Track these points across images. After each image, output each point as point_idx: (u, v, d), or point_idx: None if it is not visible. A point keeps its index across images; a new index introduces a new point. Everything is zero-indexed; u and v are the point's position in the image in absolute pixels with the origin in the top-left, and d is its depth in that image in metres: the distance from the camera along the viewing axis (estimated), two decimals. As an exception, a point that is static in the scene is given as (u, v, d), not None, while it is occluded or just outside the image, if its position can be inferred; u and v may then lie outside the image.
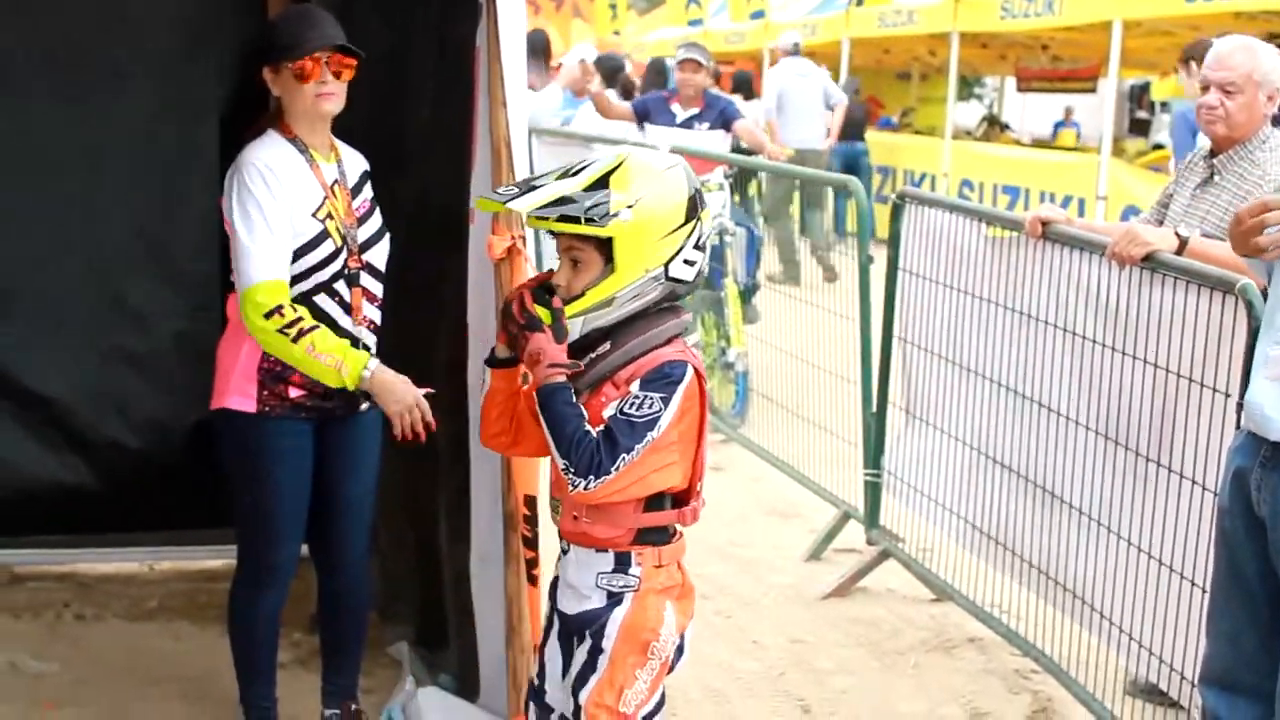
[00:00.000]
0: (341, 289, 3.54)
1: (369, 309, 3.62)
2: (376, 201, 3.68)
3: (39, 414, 4.78)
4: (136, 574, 5.14)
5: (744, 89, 13.84)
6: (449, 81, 3.79)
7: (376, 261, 3.63)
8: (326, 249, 3.49)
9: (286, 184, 3.44)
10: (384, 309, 3.67)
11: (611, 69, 10.89)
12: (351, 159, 3.68)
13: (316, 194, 3.50)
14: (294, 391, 3.53)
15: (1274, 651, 2.93)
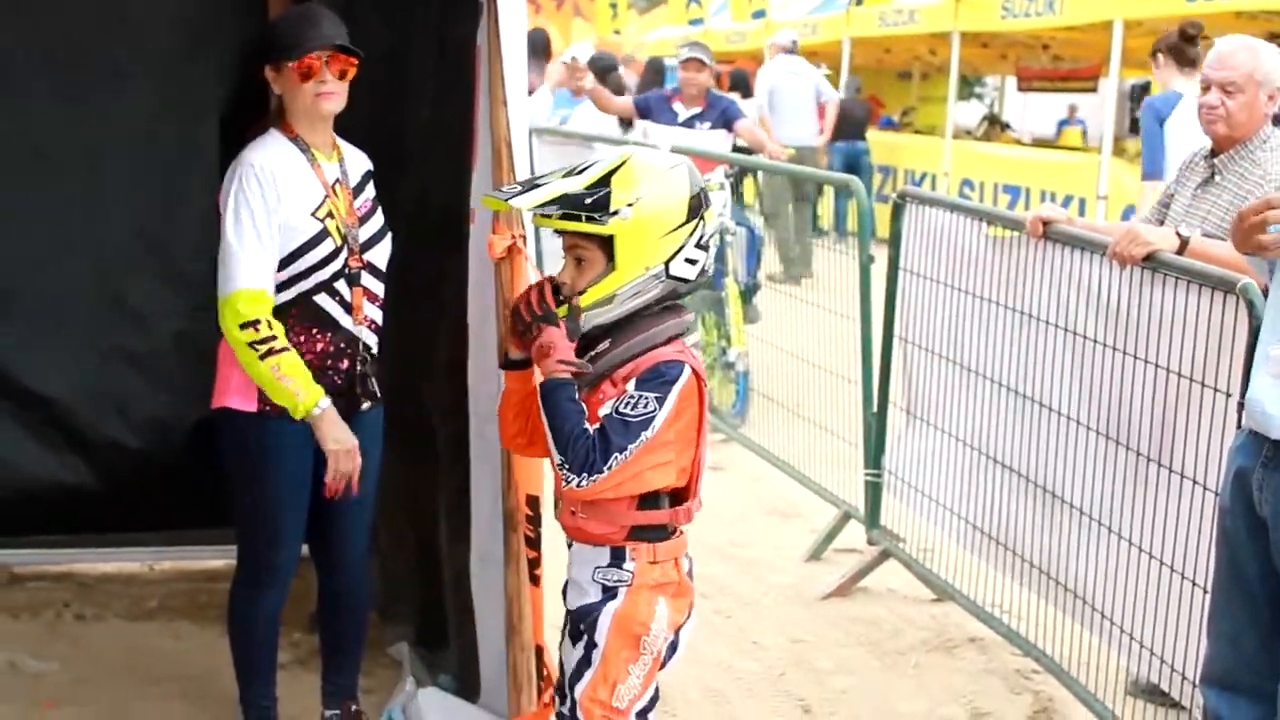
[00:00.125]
0: (342, 288, 3.54)
1: (370, 308, 3.61)
2: (378, 201, 3.68)
3: (39, 414, 4.79)
4: (136, 574, 5.14)
5: (740, 87, 13.82)
6: (449, 81, 3.78)
7: (378, 261, 3.62)
8: (326, 248, 3.48)
9: (285, 186, 3.44)
10: (384, 309, 3.67)
11: (603, 68, 10.87)
12: (354, 158, 3.67)
13: (317, 193, 3.50)
14: (295, 391, 3.53)
15: (1275, 652, 2.94)
